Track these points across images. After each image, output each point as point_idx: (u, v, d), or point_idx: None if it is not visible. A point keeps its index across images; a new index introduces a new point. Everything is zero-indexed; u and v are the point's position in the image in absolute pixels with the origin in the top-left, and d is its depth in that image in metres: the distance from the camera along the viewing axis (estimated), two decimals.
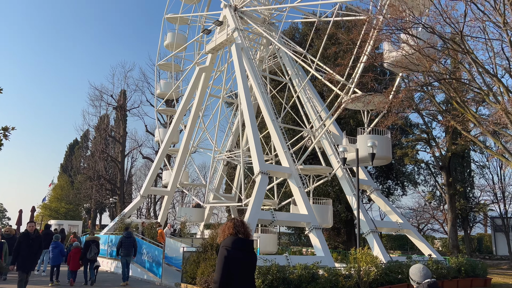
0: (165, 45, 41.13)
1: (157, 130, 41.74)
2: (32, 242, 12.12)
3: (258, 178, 21.55)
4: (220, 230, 5.67)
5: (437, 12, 12.61)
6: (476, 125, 13.85)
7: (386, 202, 26.63)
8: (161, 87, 41.17)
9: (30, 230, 12.35)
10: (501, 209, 40.64)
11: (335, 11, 27.00)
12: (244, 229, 5.40)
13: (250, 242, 5.41)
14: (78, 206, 65.57)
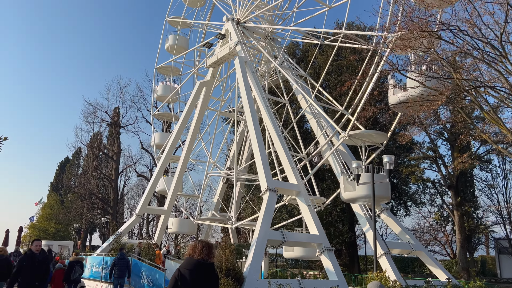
0: (166, 47, 39.98)
1: (154, 134, 40.35)
2: (38, 265, 9.82)
3: (266, 196, 20.26)
4: (188, 248, 5.87)
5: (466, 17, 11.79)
6: (509, 135, 12.84)
7: (397, 222, 25.43)
8: (159, 90, 39.91)
9: (35, 250, 10.05)
10: (507, 230, 39.66)
11: (339, 39, 26.37)
12: (206, 252, 5.52)
13: (208, 265, 5.48)
14: (68, 226, 63.33)
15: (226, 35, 30.71)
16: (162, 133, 40.34)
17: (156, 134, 40.17)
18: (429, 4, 15.05)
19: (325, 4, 29.41)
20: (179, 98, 40.18)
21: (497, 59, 13.29)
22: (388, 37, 19.67)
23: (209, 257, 5.64)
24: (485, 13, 11.39)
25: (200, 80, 33.05)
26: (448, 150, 36.98)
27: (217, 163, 37.14)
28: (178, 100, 40.39)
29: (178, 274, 5.50)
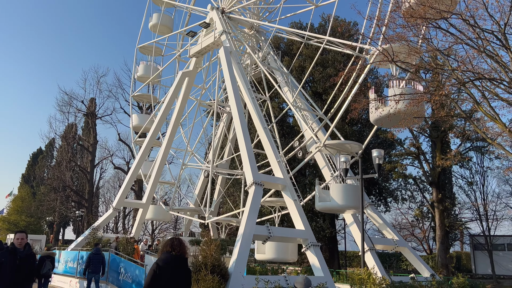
0: (150, 26, 38.26)
1: (132, 116, 38.91)
2: (21, 263, 7.95)
3: (251, 189, 19.61)
4: (161, 246, 6.55)
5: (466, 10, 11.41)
6: (507, 133, 12.58)
7: (381, 217, 25.27)
8: (140, 70, 38.46)
9: (18, 244, 8.09)
10: (484, 226, 40.29)
11: (324, 41, 25.94)
12: (179, 247, 6.24)
13: (183, 259, 6.28)
14: (39, 219, 61.16)
15: (211, 24, 29.79)
16: (141, 114, 39.00)
17: (135, 115, 38.84)
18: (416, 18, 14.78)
19: (312, 3, 28.93)
20: (160, 81, 38.92)
21: (493, 53, 12.99)
22: (370, 50, 19.68)
23: (184, 252, 6.37)
24: (487, 1, 11.03)
25: (183, 70, 32.00)
26: (429, 147, 37.25)
27: (196, 154, 36.30)
28: (159, 82, 39.11)
29: (157, 267, 6.07)
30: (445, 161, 27.53)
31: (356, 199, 21.12)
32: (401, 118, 18.19)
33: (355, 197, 21.12)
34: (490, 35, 11.82)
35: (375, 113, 20.78)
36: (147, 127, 36.84)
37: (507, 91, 11.84)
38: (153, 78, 37.27)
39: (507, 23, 11.24)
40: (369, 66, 20.55)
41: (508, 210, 40.16)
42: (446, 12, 11.74)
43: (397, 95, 16.66)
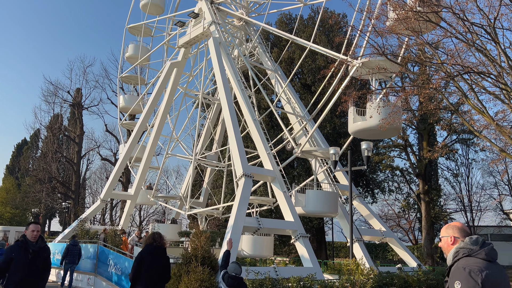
0: (141, 5, 37.75)
1: (120, 97, 38.32)
2: (34, 258, 7.01)
3: (241, 181, 19.64)
4: (144, 239, 8.95)
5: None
6: (494, 126, 12.78)
7: (369, 209, 25.57)
8: (130, 50, 37.65)
9: (31, 237, 7.08)
10: (468, 217, 41.14)
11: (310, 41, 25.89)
12: (159, 239, 7.92)
13: (162, 249, 7.90)
14: (25, 211, 60.41)
15: (200, 14, 29.48)
16: (128, 95, 38.47)
17: (122, 96, 38.29)
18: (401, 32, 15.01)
19: (300, 1, 28.88)
20: (148, 64, 38.46)
21: (482, 47, 13.13)
22: (351, 62, 19.94)
23: (163, 243, 8.01)
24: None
25: (171, 60, 31.66)
26: (416, 139, 37.69)
27: (182, 143, 36.10)
28: (148, 65, 38.65)
29: (141, 257, 7.78)
30: (432, 153, 27.86)
31: (331, 205, 21.94)
32: (378, 132, 18.87)
33: (330, 203, 21.89)
34: (479, 29, 11.95)
35: (353, 124, 21.09)
36: (135, 108, 36.58)
37: (494, 84, 12.01)
38: (142, 61, 36.80)
39: (496, 18, 11.37)
40: (349, 77, 20.84)
41: (492, 201, 41.04)
42: (436, 6, 11.81)
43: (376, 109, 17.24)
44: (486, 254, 3.54)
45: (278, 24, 43.77)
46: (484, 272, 3.39)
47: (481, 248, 3.59)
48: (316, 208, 21.61)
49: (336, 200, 22.73)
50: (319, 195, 22.00)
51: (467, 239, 3.67)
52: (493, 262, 3.58)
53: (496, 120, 12.94)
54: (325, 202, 21.81)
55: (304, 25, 40.99)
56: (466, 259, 3.53)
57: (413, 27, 14.57)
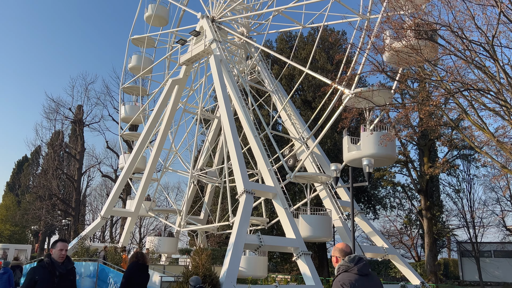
0: (146, 17, 38.28)
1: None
2: (61, 281, 6.21)
3: (242, 198, 19.57)
4: (129, 258, 9.97)
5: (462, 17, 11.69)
6: (495, 142, 12.81)
7: (371, 225, 25.41)
8: (133, 60, 38.18)
9: (58, 257, 6.22)
10: (471, 233, 40.74)
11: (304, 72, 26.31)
12: (142, 258, 9.34)
13: (145, 267, 9.38)
14: (24, 229, 59.99)
15: (201, 32, 29.86)
16: (130, 105, 38.68)
17: (124, 106, 38.44)
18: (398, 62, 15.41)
19: (299, 24, 29.38)
20: (151, 75, 38.82)
21: (481, 64, 13.25)
22: (343, 91, 20.34)
23: (145, 261, 9.43)
24: (475, 15, 11.28)
25: (173, 78, 31.95)
26: (417, 155, 37.68)
27: (181, 158, 36.08)
28: (150, 76, 39.00)
29: (130, 274, 9.21)
30: (433, 169, 27.88)
31: (324, 230, 22.14)
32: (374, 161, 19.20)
33: (323, 228, 22.09)
34: (478, 47, 12.08)
35: (347, 154, 21.25)
36: (136, 119, 36.81)
37: (494, 101, 12.08)
38: (144, 70, 37.22)
39: (494, 35, 11.51)
40: (343, 106, 21.17)
41: (494, 217, 40.74)
42: (435, 23, 11.97)
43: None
44: (358, 269, 4.26)
45: (279, 42, 44.27)
46: (353, 284, 4.12)
47: (355, 265, 4.30)
48: (309, 233, 21.65)
49: (329, 225, 22.98)
50: (312, 220, 22.12)
51: (346, 258, 4.40)
52: (366, 276, 4.29)
53: (496, 136, 12.97)
54: (318, 227, 21.98)
55: (304, 43, 41.44)
56: (342, 274, 4.27)
57: (412, 45, 14.76)
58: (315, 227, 21.79)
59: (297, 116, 28.99)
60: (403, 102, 22.39)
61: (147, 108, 38.17)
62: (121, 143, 39.36)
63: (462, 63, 12.33)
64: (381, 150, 19.24)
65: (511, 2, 11.45)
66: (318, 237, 22.21)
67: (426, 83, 16.50)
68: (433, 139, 31.44)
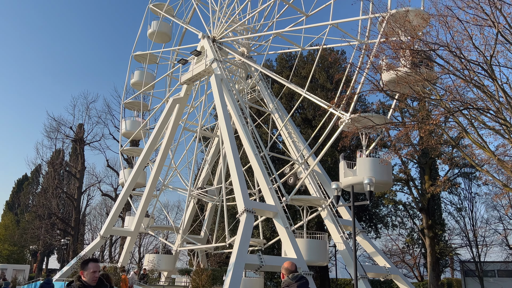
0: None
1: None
2: None
3: (243, 217, 19.44)
4: None
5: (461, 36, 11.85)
6: (495, 161, 12.79)
7: (372, 244, 25.16)
8: (135, 76, 38.48)
9: (91, 280, 5.45)
10: (474, 252, 40.30)
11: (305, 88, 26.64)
12: (107, 279, 7.74)
13: None
14: (23, 248, 59.43)
15: (202, 52, 30.21)
16: (131, 120, 38.75)
17: (125, 121, 38.58)
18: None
19: (298, 46, 29.86)
20: (152, 91, 39.12)
21: (480, 83, 13.35)
22: (340, 116, 20.65)
23: (110, 282, 8.03)
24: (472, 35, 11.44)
25: (174, 97, 32.15)
26: (418, 173, 37.58)
27: (181, 175, 36.01)
28: (151, 92, 39.29)
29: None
30: (435, 188, 27.79)
31: (319, 254, 22.35)
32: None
33: (319, 253, 22.33)
34: (476, 66, 12.19)
35: (344, 179, 21.39)
36: (137, 134, 36.94)
37: (494, 119, 12.12)
38: (146, 86, 37.54)
39: (492, 55, 11.63)
40: (339, 130, 21.42)
41: (497, 236, 40.37)
42: (433, 44, 12.12)
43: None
44: (297, 286, 5.06)
45: (279, 61, 44.70)
46: None
47: (296, 282, 5.11)
48: (304, 258, 21.40)
49: (325, 249, 23.02)
50: (308, 245, 22.06)
51: (290, 275, 5.20)
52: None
53: (497, 155, 12.97)
54: (314, 251, 22.03)
55: (304, 62, 41.82)
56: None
57: (412, 63, 14.91)
58: (311, 252, 21.85)
59: (298, 134, 29.07)
60: (403, 120, 22.52)
61: (148, 123, 38.40)
62: (121, 159, 39.36)
63: (461, 82, 12.43)
64: (377, 176, 19.33)
65: (508, 23, 11.62)
66: (314, 261, 22.31)
67: (425, 102, 16.58)
68: (434, 157, 31.41)
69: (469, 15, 12.48)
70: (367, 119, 18.61)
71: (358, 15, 23.80)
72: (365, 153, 20.95)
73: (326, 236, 23.88)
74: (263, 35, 31.71)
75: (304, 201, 24.07)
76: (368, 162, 20.35)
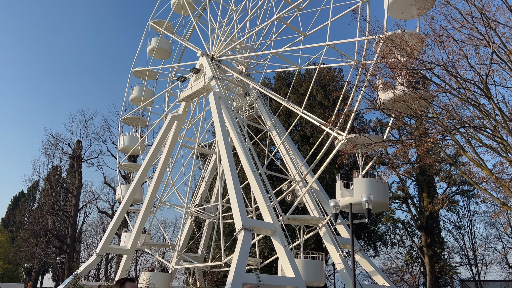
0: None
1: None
2: None
3: (240, 235, 19.29)
4: None
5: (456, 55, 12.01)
6: (493, 179, 12.80)
7: (371, 263, 24.90)
8: (135, 92, 38.66)
9: None
10: (474, 271, 39.94)
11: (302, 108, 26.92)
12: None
13: None
14: (18, 266, 58.62)
15: (200, 70, 30.44)
16: (129, 136, 38.71)
17: (123, 136, 38.56)
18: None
19: (296, 65, 30.19)
20: (151, 106, 39.23)
21: (476, 101, 13.46)
22: (336, 135, 20.90)
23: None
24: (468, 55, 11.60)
25: (172, 114, 32.25)
26: (416, 191, 37.51)
27: (178, 192, 35.83)
28: (150, 108, 39.41)
29: None
30: (433, 206, 27.70)
31: (316, 274, 22.14)
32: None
33: (315, 273, 22.11)
34: (472, 85, 12.32)
35: (341, 199, 21.43)
36: (135, 150, 36.86)
37: (490, 138, 12.18)
38: (145, 102, 37.67)
39: (488, 74, 11.77)
40: (336, 149, 21.58)
41: (497, 254, 40.07)
42: (429, 63, 12.26)
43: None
44: None
45: (277, 79, 45.08)
46: None
47: None
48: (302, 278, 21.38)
49: (321, 269, 22.83)
50: (304, 265, 21.90)
51: None
52: None
53: (495, 173, 12.98)
54: (310, 271, 21.82)
55: (302, 79, 42.17)
56: None
57: (409, 81, 15.05)
58: (307, 272, 21.62)
59: (296, 151, 29.08)
60: (401, 138, 22.61)
61: (146, 139, 38.44)
62: (119, 175, 39.23)
63: (457, 101, 12.53)
64: (373, 196, 19.26)
65: (502, 42, 11.80)
66: (310, 282, 21.97)
67: (423, 120, 16.67)
68: (432, 175, 31.41)
69: (464, 35, 12.69)
70: (364, 137, 18.67)
71: (355, 34, 24.14)
72: (362, 173, 20.96)
73: (323, 256, 23.66)
74: (261, 54, 32.04)
75: (301, 221, 23.92)
76: (365, 182, 20.39)
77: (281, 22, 28.30)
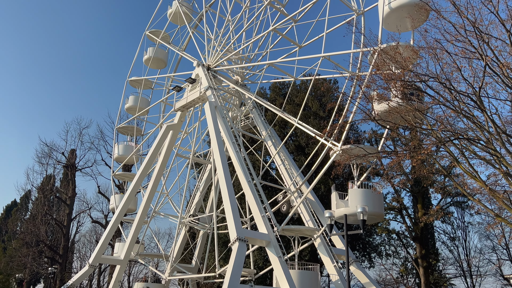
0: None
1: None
2: None
3: (235, 246, 19.17)
4: None
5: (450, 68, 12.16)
6: (487, 191, 12.87)
7: (366, 274, 24.81)
8: (130, 101, 38.66)
9: None
10: (468, 283, 39.85)
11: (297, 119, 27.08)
12: None
13: None
14: (8, 277, 57.60)
15: (196, 80, 30.52)
16: (124, 145, 38.57)
17: (118, 145, 38.44)
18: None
19: (291, 76, 30.40)
20: (146, 116, 39.21)
21: (470, 113, 13.59)
22: (331, 146, 21.11)
23: None
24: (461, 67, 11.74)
25: (167, 123, 32.23)
26: (411, 202, 37.56)
27: (172, 201, 35.66)
28: (145, 117, 39.37)
29: None
30: (427, 217, 27.73)
31: (311, 285, 22.13)
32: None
33: (310, 284, 22.09)
34: (466, 97, 12.45)
35: (336, 210, 21.47)
36: (130, 159, 36.66)
37: (484, 149, 12.28)
38: (141, 111, 37.70)
39: (481, 86, 11.91)
40: (331, 160, 21.71)
41: (491, 266, 40.06)
42: (423, 75, 12.40)
43: None
44: None
45: (272, 89, 45.30)
46: None
47: None
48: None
49: (316, 280, 22.72)
50: (300, 276, 21.83)
51: None
52: None
53: (488, 184, 13.06)
54: (306, 283, 21.75)
55: (297, 90, 42.40)
56: None
57: (403, 92, 15.17)
58: (302, 283, 21.54)
59: (291, 161, 29.11)
60: (395, 149, 22.78)
61: (141, 149, 38.35)
62: (113, 184, 39.06)
63: (451, 113, 12.65)
64: (368, 207, 19.29)
65: (495, 55, 11.97)
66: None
67: (417, 131, 16.80)
68: (426, 186, 31.52)
69: (457, 48, 12.86)
70: (359, 148, 18.78)
71: (350, 46, 24.37)
72: (357, 184, 21.02)
73: (318, 267, 23.55)
74: (257, 65, 32.22)
75: (295, 232, 23.84)
76: (360, 193, 20.40)
77: (277, 33, 28.54)
